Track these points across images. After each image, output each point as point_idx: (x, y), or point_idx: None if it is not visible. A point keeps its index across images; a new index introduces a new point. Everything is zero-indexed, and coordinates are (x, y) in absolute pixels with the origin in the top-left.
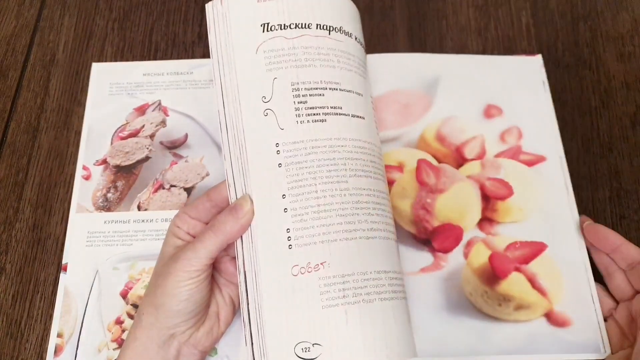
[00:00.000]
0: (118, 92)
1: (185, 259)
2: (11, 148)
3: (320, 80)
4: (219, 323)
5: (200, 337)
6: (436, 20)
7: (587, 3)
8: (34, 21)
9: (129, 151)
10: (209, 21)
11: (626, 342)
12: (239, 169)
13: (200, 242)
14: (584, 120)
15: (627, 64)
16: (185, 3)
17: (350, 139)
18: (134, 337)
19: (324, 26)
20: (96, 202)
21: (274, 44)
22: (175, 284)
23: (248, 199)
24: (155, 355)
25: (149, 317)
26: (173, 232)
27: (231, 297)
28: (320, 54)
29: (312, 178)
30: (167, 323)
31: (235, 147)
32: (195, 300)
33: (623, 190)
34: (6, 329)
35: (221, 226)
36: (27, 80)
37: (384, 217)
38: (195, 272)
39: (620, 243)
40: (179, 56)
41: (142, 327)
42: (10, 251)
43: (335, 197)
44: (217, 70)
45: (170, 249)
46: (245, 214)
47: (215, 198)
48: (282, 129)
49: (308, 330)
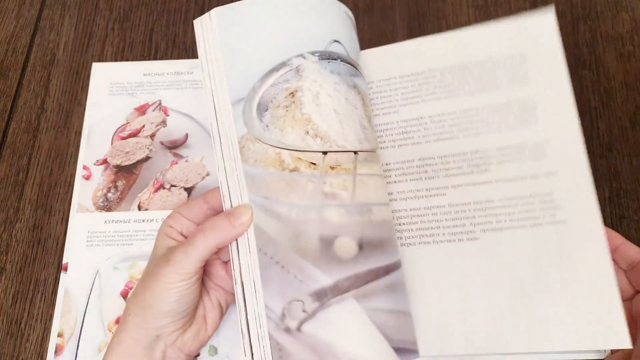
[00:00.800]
0: (118, 92)
1: (176, 261)
2: (11, 148)
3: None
4: (206, 326)
5: (186, 340)
6: (436, 20)
7: (587, 3)
8: (34, 21)
9: (129, 151)
10: (197, 37)
11: None
12: (234, 180)
13: (192, 245)
14: (584, 120)
15: (626, 64)
16: (186, 3)
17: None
18: (119, 338)
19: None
20: (96, 202)
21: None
22: (165, 285)
23: (249, 210)
24: (141, 357)
25: (136, 318)
26: (165, 232)
27: (219, 300)
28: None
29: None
30: (155, 324)
31: (230, 158)
32: (185, 302)
33: (623, 190)
34: (6, 329)
35: (215, 230)
36: (27, 80)
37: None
38: (187, 275)
39: (620, 243)
40: (179, 56)
41: (128, 328)
42: (11, 251)
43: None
44: (209, 83)
45: (161, 250)
46: (242, 223)
47: (212, 201)
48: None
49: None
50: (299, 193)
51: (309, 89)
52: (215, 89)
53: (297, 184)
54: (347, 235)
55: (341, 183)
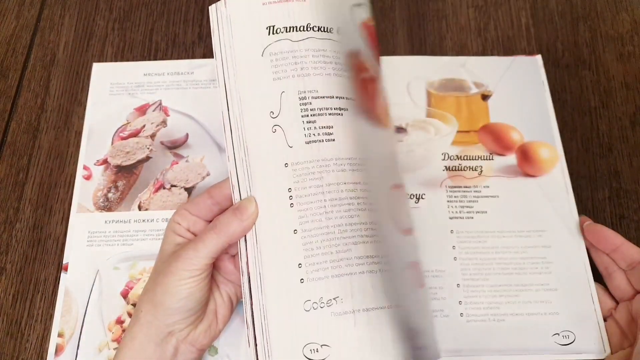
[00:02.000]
0: (119, 92)
1: (186, 257)
2: (11, 148)
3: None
4: (217, 321)
5: (198, 335)
6: (436, 21)
7: (586, 3)
8: (34, 21)
9: (129, 151)
10: (212, 23)
11: (626, 342)
12: (244, 171)
13: (202, 241)
14: (584, 121)
15: (626, 64)
16: (186, 3)
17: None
18: (132, 335)
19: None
20: (97, 202)
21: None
22: (175, 282)
23: (253, 201)
24: (153, 353)
25: (147, 315)
26: (172, 228)
27: (229, 295)
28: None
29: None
30: (166, 320)
31: (240, 149)
32: (195, 299)
33: (623, 190)
34: (6, 329)
35: (224, 227)
36: (27, 80)
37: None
38: (197, 271)
39: (621, 243)
40: (179, 56)
41: (140, 325)
42: (11, 251)
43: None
44: (222, 72)
45: (170, 247)
46: (250, 215)
47: (216, 196)
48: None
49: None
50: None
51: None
52: (229, 77)
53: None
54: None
55: None
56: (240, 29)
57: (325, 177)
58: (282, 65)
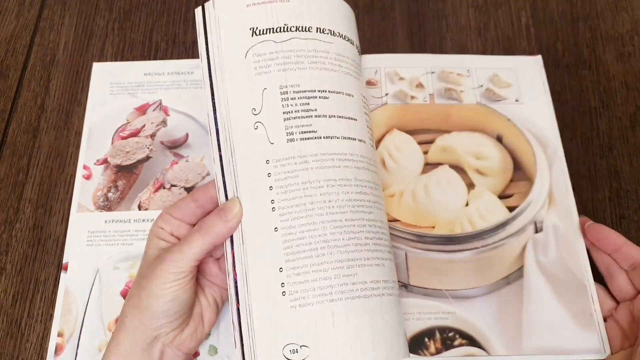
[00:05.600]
0: (119, 91)
1: (172, 260)
2: (11, 148)
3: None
4: (203, 324)
5: (184, 339)
6: (436, 20)
7: (586, 3)
8: (34, 21)
9: (129, 151)
10: (198, 25)
11: (626, 342)
12: (230, 172)
13: (187, 243)
14: (584, 121)
15: (626, 64)
16: (186, 3)
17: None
18: (117, 341)
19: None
20: (97, 202)
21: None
22: (160, 285)
23: (237, 202)
24: (140, 358)
25: (133, 320)
26: (156, 233)
27: (215, 298)
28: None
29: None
30: (152, 325)
31: (227, 149)
32: (181, 302)
33: (623, 190)
34: (6, 329)
35: (209, 228)
36: (27, 80)
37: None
38: (182, 274)
39: (622, 243)
40: (179, 56)
41: (125, 330)
42: (11, 251)
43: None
44: (207, 73)
45: (154, 252)
46: (234, 216)
47: (200, 198)
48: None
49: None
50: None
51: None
52: (215, 77)
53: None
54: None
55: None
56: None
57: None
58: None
